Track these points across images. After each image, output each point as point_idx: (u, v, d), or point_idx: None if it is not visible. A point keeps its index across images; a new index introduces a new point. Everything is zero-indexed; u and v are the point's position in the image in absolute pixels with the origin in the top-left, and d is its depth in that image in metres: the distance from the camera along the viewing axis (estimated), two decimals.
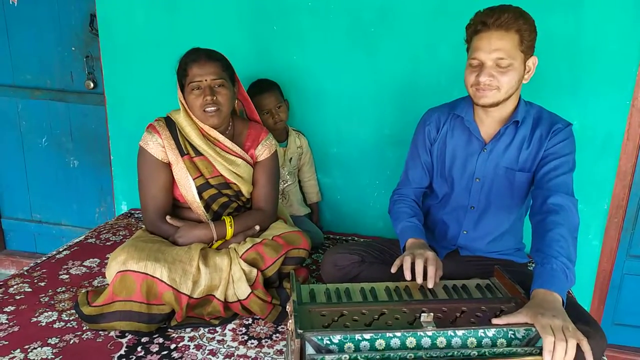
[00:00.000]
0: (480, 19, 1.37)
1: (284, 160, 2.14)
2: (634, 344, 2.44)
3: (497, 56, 1.36)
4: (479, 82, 1.39)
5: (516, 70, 1.38)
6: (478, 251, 1.64)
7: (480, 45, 1.37)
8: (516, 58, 1.37)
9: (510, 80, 1.39)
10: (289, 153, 2.17)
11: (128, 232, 2.21)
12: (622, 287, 2.40)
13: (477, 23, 1.38)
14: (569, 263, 1.24)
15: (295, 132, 2.22)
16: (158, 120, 1.68)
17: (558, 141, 1.47)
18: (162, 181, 1.64)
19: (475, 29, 1.39)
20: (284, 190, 2.18)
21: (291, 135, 2.18)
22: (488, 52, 1.36)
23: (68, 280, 1.77)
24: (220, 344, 1.45)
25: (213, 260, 1.54)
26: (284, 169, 2.15)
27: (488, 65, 1.37)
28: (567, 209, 1.34)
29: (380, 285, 1.32)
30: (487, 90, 1.40)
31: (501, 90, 1.40)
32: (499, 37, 1.35)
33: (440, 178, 1.65)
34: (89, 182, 2.80)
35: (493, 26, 1.35)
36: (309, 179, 2.27)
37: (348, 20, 2.06)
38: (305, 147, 2.23)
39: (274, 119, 2.05)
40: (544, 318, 1.07)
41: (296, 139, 2.20)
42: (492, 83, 1.38)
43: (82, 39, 2.55)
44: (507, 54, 1.35)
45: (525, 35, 1.36)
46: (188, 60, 1.60)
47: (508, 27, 1.34)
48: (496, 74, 1.38)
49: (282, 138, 2.16)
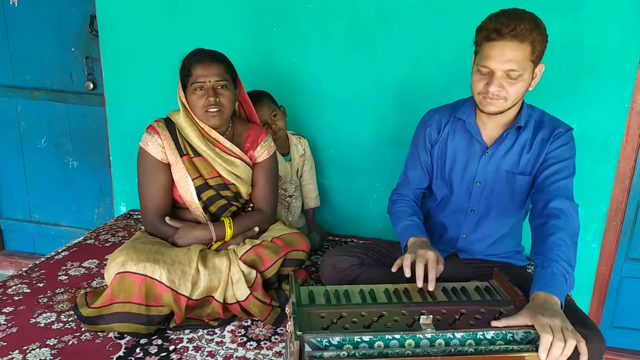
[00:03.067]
0: (495, 25, 1.32)
1: (290, 175, 2.09)
2: (633, 346, 2.44)
3: (509, 67, 1.32)
4: (487, 91, 1.36)
5: (525, 80, 1.36)
6: (477, 254, 1.64)
7: (492, 54, 1.33)
8: (526, 69, 1.34)
9: (518, 90, 1.37)
10: (294, 165, 2.12)
11: (127, 233, 2.20)
12: (621, 290, 2.40)
13: (490, 30, 1.33)
14: (569, 267, 1.24)
15: (296, 138, 2.15)
16: (157, 121, 1.68)
17: (559, 145, 1.47)
18: (161, 182, 1.64)
19: (488, 35, 1.34)
20: (290, 204, 2.12)
21: (292, 143, 2.11)
22: (500, 63, 1.32)
23: (67, 281, 1.77)
24: (219, 345, 1.45)
25: (212, 261, 1.54)
26: (291, 185, 2.10)
27: (498, 76, 1.34)
28: (567, 213, 1.34)
29: (380, 287, 1.32)
30: (494, 100, 1.38)
31: (508, 100, 1.38)
32: (512, 49, 1.31)
33: (440, 180, 1.65)
34: (88, 183, 2.80)
35: (507, 36, 1.30)
36: (309, 182, 2.21)
37: (348, 21, 2.07)
38: (307, 151, 2.18)
39: (272, 129, 1.99)
40: (543, 318, 1.07)
41: (298, 146, 2.13)
42: (501, 94, 1.36)
43: (82, 39, 2.55)
44: (519, 65, 1.32)
45: (538, 46, 1.33)
46: (192, 61, 1.60)
47: (523, 39, 1.30)
48: (505, 84, 1.35)
49: (286, 150, 2.10)
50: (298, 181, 2.17)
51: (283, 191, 2.11)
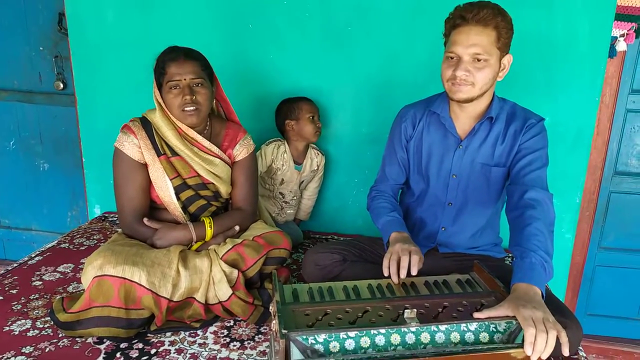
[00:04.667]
0: (460, 13, 1.39)
1: (294, 183, 2.09)
2: (607, 333, 2.52)
3: (474, 51, 1.38)
4: (455, 76, 1.41)
5: (491, 67, 1.41)
6: (457, 247, 1.66)
7: (458, 39, 1.39)
8: (492, 54, 1.39)
9: (485, 76, 1.41)
10: (302, 176, 2.11)
11: (102, 236, 2.15)
12: (594, 279, 2.48)
13: (456, 17, 1.40)
14: (547, 257, 1.26)
15: (315, 152, 2.13)
16: (133, 121, 1.65)
17: (532, 136, 1.50)
18: (138, 182, 1.61)
19: (454, 23, 1.41)
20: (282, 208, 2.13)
21: (309, 156, 2.10)
22: (466, 47, 1.38)
23: (41, 286, 1.72)
24: (202, 347, 1.43)
25: (193, 262, 1.52)
26: (291, 193, 2.10)
27: (465, 60, 1.39)
28: (543, 203, 1.37)
29: (363, 283, 1.32)
30: (462, 85, 1.42)
31: (476, 87, 1.42)
32: (477, 33, 1.37)
33: (417, 174, 1.66)
34: (59, 185, 2.73)
35: (472, 21, 1.37)
36: (309, 198, 2.21)
37: (324, 18, 2.06)
38: (321, 169, 2.17)
39: (315, 126, 2.00)
40: (525, 310, 1.09)
41: (314, 160, 2.12)
42: (468, 79, 1.40)
43: (51, 38, 2.48)
44: (484, 49, 1.37)
45: (503, 32, 1.38)
46: (166, 59, 1.57)
47: (486, 23, 1.36)
48: (472, 69, 1.39)
49: (301, 160, 2.09)
50: (299, 192, 2.17)
51: (280, 195, 2.11)
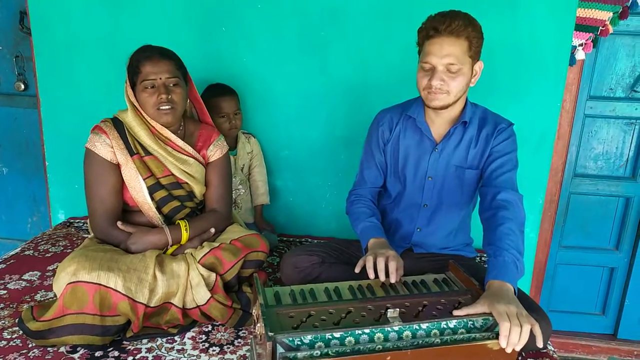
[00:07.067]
0: (432, 24, 1.43)
1: (235, 169, 2.10)
2: (567, 328, 2.64)
3: (448, 61, 1.42)
4: (431, 85, 1.45)
5: (465, 75, 1.46)
6: (431, 247, 1.70)
7: (432, 50, 1.43)
8: (465, 63, 1.44)
9: (459, 84, 1.46)
10: (240, 161, 2.13)
11: (69, 242, 2.08)
12: (556, 276, 2.59)
13: (429, 28, 1.44)
14: (518, 255, 1.33)
15: (245, 136, 2.17)
16: (104, 121, 1.61)
17: (502, 140, 1.57)
18: (111, 183, 1.57)
19: (427, 34, 1.45)
20: (236, 199, 2.13)
21: (240, 141, 2.14)
22: (440, 57, 1.42)
23: (7, 295, 1.64)
24: (180, 353, 1.41)
25: (170, 266, 1.49)
26: (236, 178, 2.11)
27: (439, 70, 1.44)
28: (514, 204, 1.44)
29: (344, 285, 1.34)
30: (438, 94, 1.46)
31: (451, 94, 1.47)
32: (450, 43, 1.41)
33: (394, 177, 1.70)
34: (19, 190, 2.62)
35: (445, 32, 1.41)
36: (258, 179, 2.21)
37: (298, 22, 2.07)
38: (255, 150, 2.20)
39: (230, 124, 2.02)
40: (500, 306, 1.15)
41: (246, 144, 2.16)
42: (443, 87, 1.45)
43: (11, 38, 2.39)
44: (457, 59, 1.42)
45: (474, 41, 1.43)
46: (141, 58, 1.55)
47: (459, 34, 1.41)
48: (447, 78, 1.44)
49: (233, 146, 2.13)
50: (244, 176, 2.17)
51: None
